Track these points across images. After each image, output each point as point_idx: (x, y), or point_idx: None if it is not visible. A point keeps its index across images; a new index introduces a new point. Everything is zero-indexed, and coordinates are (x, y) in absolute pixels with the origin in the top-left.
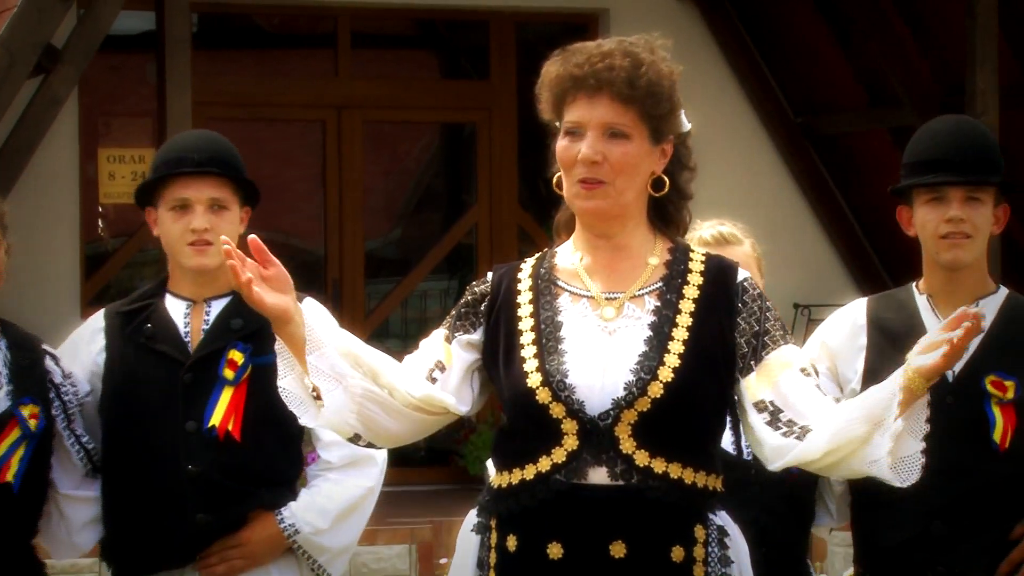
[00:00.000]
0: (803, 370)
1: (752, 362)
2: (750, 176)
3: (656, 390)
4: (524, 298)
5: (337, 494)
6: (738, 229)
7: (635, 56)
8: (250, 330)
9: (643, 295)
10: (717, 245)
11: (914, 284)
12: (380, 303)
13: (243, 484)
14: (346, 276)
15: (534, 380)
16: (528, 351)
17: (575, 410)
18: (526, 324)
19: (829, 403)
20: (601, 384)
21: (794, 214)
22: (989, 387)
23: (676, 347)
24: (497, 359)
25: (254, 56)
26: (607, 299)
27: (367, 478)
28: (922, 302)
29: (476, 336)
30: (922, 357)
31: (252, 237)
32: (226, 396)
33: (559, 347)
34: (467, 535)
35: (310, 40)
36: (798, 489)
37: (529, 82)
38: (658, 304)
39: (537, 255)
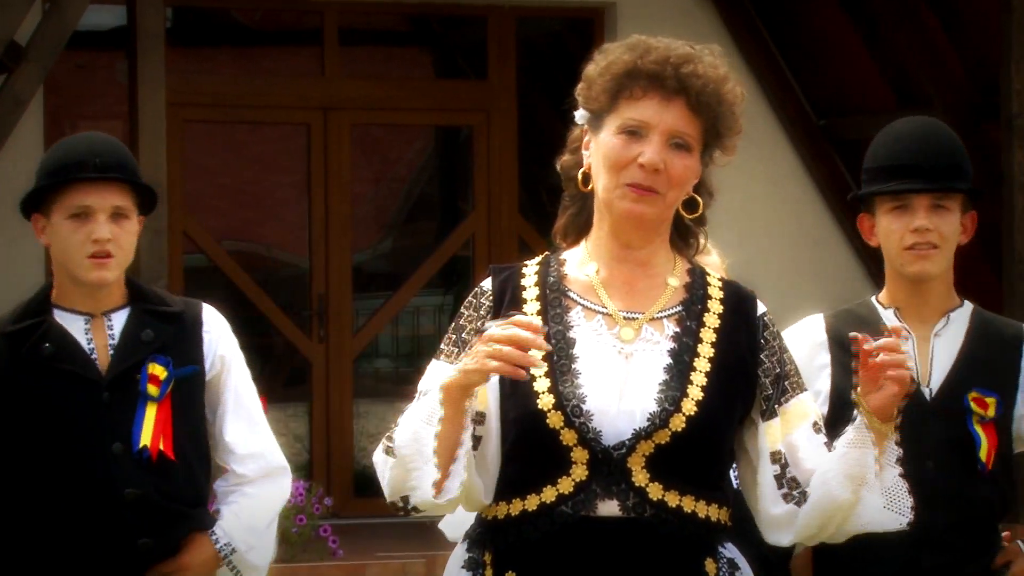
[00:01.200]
0: (815, 425)
1: (776, 406)
2: (769, 183)
3: (678, 423)
4: (532, 308)
5: (259, 508)
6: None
7: (717, 68)
8: (162, 342)
9: (662, 318)
10: None
11: (873, 299)
12: (369, 320)
13: (180, 504)
14: (332, 291)
15: (545, 402)
16: (537, 369)
17: (589, 439)
18: None
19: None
20: (616, 412)
21: (816, 223)
22: (972, 404)
23: (699, 379)
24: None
25: (233, 54)
26: (625, 319)
27: (282, 490)
28: (888, 316)
29: None
30: (872, 399)
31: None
32: (151, 414)
33: (573, 367)
34: (456, 572)
35: (294, 36)
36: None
37: (530, 82)
38: (678, 330)
39: (539, 259)
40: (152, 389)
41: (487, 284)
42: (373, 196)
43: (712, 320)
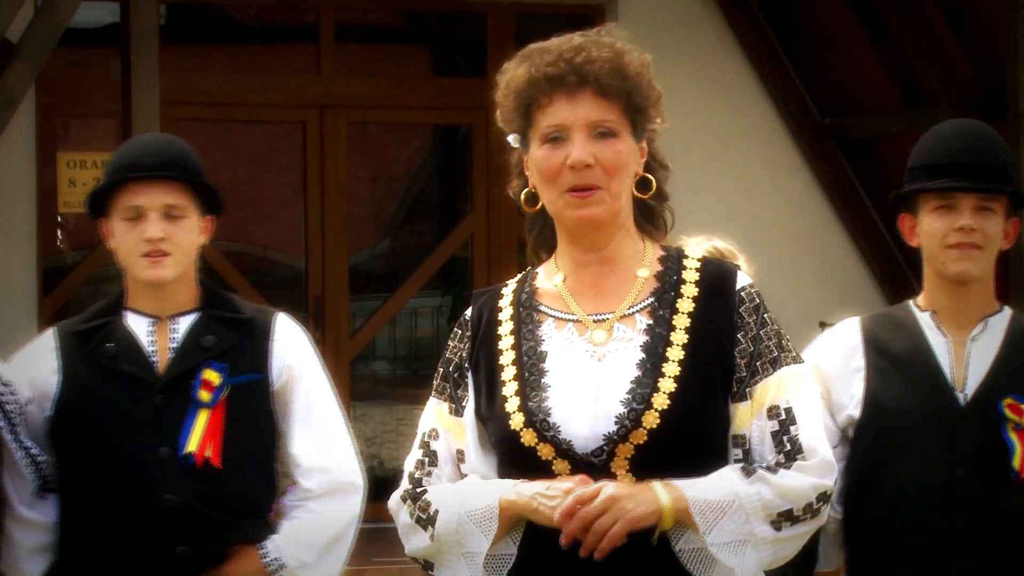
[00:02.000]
0: (770, 410)
1: (747, 389)
2: (772, 182)
3: (651, 420)
4: (505, 329)
5: (321, 525)
6: (730, 243)
7: (611, 46)
8: (222, 348)
9: (633, 313)
10: None
11: (911, 302)
12: (366, 322)
13: (225, 514)
14: (329, 292)
15: (517, 421)
16: (509, 388)
17: (564, 450)
18: (507, 358)
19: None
20: (592, 418)
21: (820, 224)
22: (1007, 411)
23: (671, 369)
24: (480, 399)
25: (228, 51)
26: (595, 321)
27: (350, 507)
28: (925, 320)
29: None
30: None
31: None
32: (202, 420)
33: (542, 381)
34: None
35: (290, 33)
36: None
37: None
38: (650, 322)
39: (519, 277)
40: (204, 395)
41: (468, 312)
42: (370, 196)
43: (686, 305)
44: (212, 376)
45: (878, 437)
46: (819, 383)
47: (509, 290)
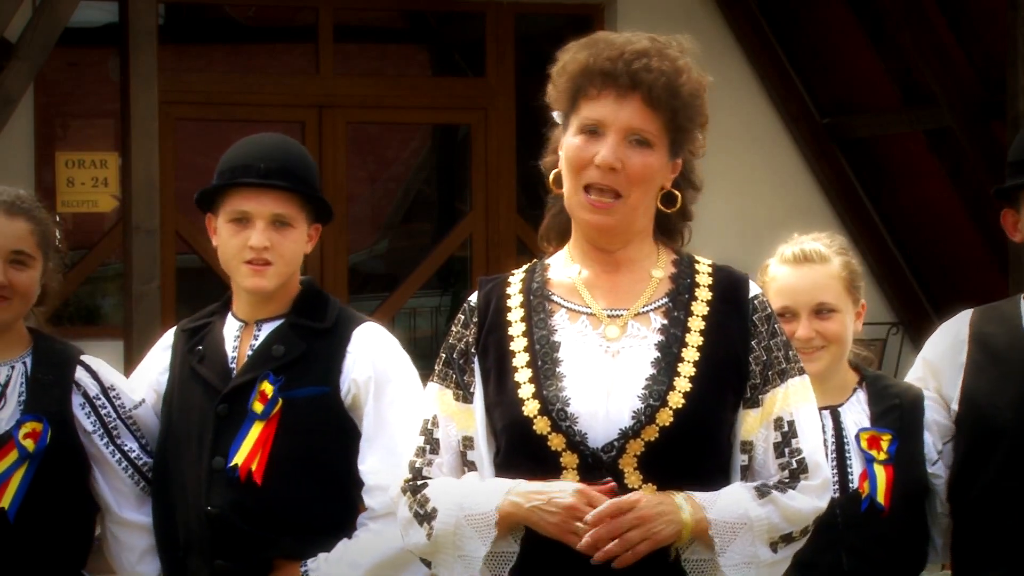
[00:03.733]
0: (777, 421)
1: (760, 396)
2: (771, 183)
3: (665, 418)
4: (515, 315)
5: (374, 546)
6: (827, 244)
7: (674, 61)
8: (291, 358)
9: (648, 312)
10: (796, 263)
11: (1021, 295)
12: None
13: (264, 529)
14: (328, 292)
15: (531, 408)
16: (522, 375)
17: (576, 442)
18: (519, 344)
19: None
20: (605, 412)
21: (820, 224)
22: None
23: (686, 369)
24: (488, 385)
25: (227, 51)
26: (610, 316)
27: None
28: None
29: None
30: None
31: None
32: (254, 432)
33: (557, 370)
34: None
35: (288, 33)
36: (897, 528)
37: (529, 80)
38: (665, 322)
39: (526, 267)
40: (257, 406)
41: (473, 298)
42: (369, 196)
43: (700, 308)
44: (267, 388)
45: (973, 432)
46: (932, 378)
47: (517, 279)
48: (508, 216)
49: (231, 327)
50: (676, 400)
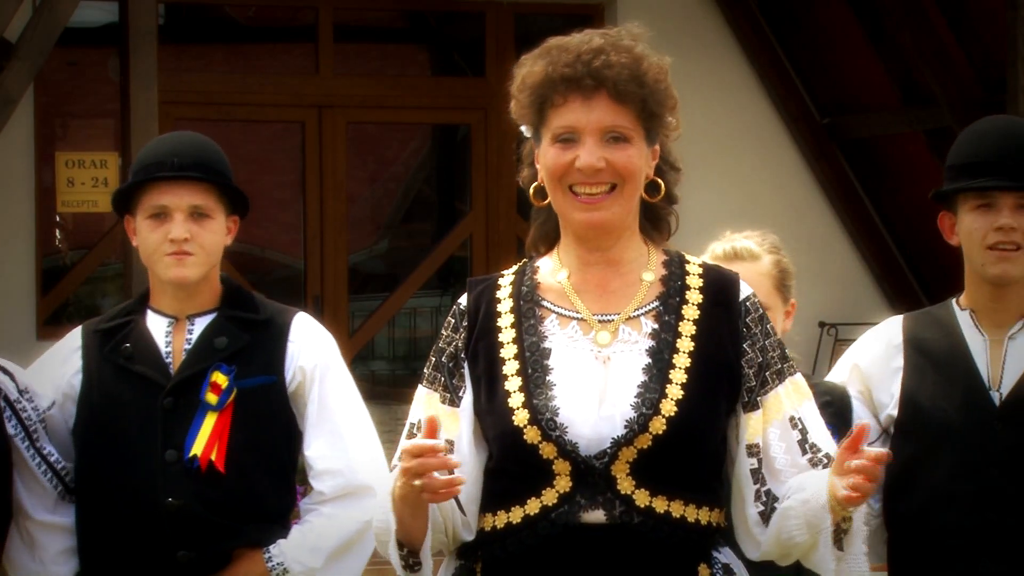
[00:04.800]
0: (791, 420)
1: (758, 398)
2: (771, 183)
3: (658, 425)
4: (505, 321)
5: (331, 530)
6: (759, 242)
7: (630, 50)
8: (234, 349)
9: (639, 316)
10: (727, 260)
11: (953, 300)
12: (365, 321)
13: (228, 519)
14: (328, 292)
15: (520, 417)
16: (513, 383)
17: (567, 451)
18: (509, 351)
19: (797, 477)
20: (596, 419)
21: (820, 224)
22: None
23: (678, 376)
24: (479, 392)
25: (227, 51)
26: (600, 322)
27: (364, 511)
28: (964, 318)
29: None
30: (839, 484)
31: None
32: (209, 423)
33: (547, 378)
34: None
35: (288, 33)
36: None
37: None
38: (656, 327)
39: (515, 268)
40: (211, 398)
41: (463, 301)
42: (369, 196)
43: (691, 312)
44: (220, 378)
45: (915, 436)
46: (858, 382)
47: (507, 281)
48: (508, 216)
49: (158, 323)
50: (668, 408)
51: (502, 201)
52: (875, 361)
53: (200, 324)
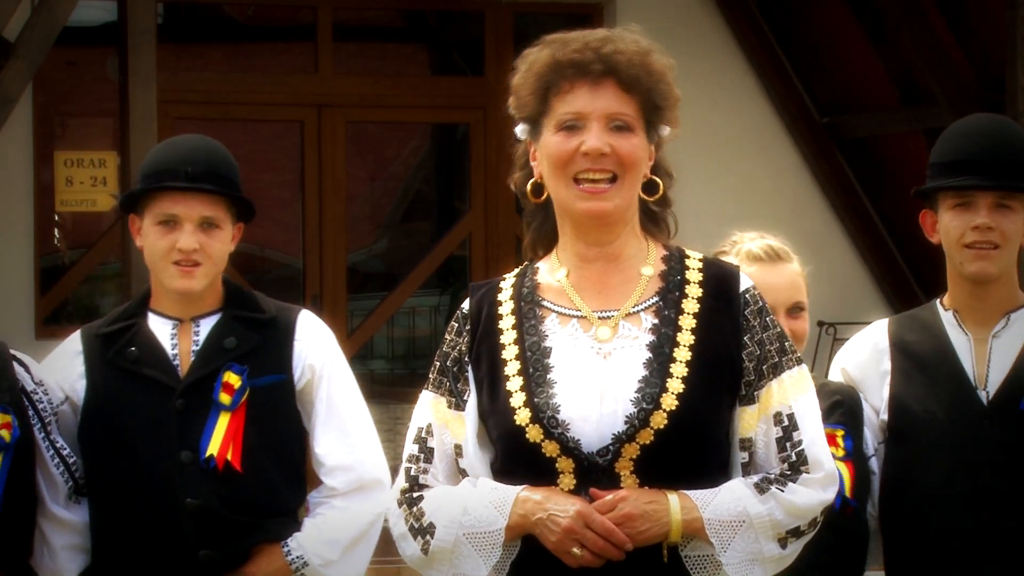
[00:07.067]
0: (776, 416)
1: (755, 392)
2: (771, 182)
3: (659, 420)
4: (507, 323)
5: (345, 523)
6: (782, 243)
7: (638, 43)
8: (244, 350)
9: (639, 312)
10: (769, 260)
11: (937, 301)
12: (364, 321)
13: (247, 516)
14: (327, 291)
15: (523, 416)
16: (514, 383)
17: (570, 448)
18: (510, 352)
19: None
20: (598, 416)
21: (819, 223)
22: None
23: (679, 369)
24: (482, 394)
25: (226, 50)
26: (600, 318)
27: (375, 504)
28: (947, 319)
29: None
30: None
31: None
32: (223, 423)
33: (548, 376)
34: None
35: (288, 33)
36: (851, 522)
37: None
38: (656, 322)
39: (517, 271)
40: (224, 398)
41: (466, 305)
42: (368, 195)
43: (691, 306)
44: (233, 379)
45: (906, 439)
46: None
47: (508, 284)
48: (507, 215)
49: (162, 326)
50: (669, 402)
51: (501, 200)
52: (863, 366)
53: (206, 325)
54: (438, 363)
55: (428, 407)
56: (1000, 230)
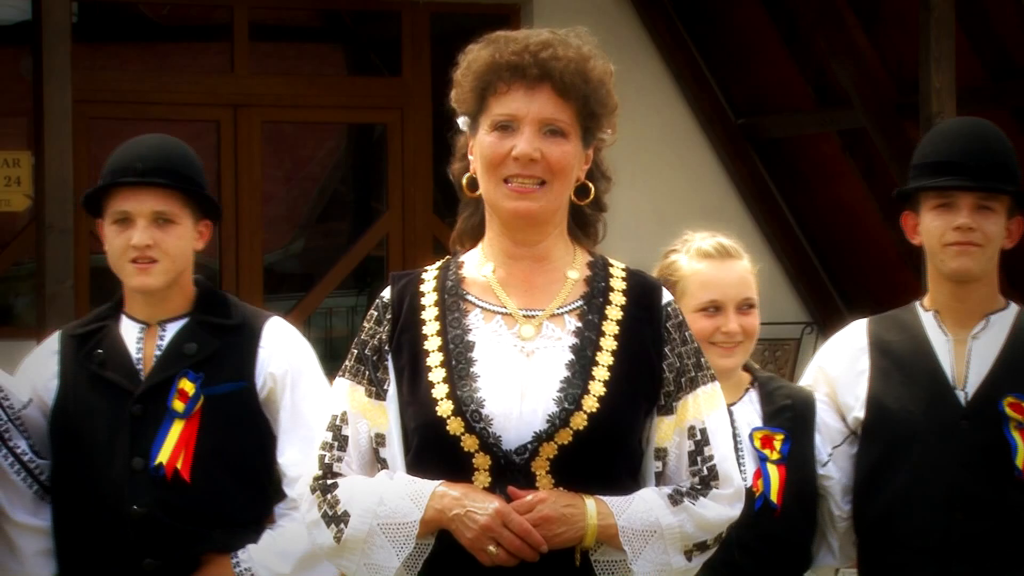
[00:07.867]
0: (690, 429)
1: (673, 403)
2: (686, 183)
3: (579, 421)
4: (429, 314)
5: (301, 536)
6: (734, 241)
7: (578, 48)
8: (204, 356)
9: (563, 314)
10: (720, 257)
11: (917, 302)
12: None
13: (195, 525)
14: (243, 292)
15: (444, 408)
16: (436, 374)
17: (490, 444)
18: (433, 344)
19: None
20: (519, 413)
21: (735, 224)
22: (1008, 410)
23: (600, 373)
24: (402, 384)
25: (141, 50)
26: (525, 316)
27: None
28: (927, 319)
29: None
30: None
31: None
32: (175, 431)
33: (471, 370)
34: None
35: (203, 32)
36: (787, 527)
37: (445, 79)
38: (580, 325)
39: (439, 264)
40: (178, 405)
41: (387, 294)
42: (284, 195)
43: (615, 313)
44: (187, 386)
45: (882, 438)
46: (825, 384)
47: (431, 276)
48: (424, 216)
49: (130, 329)
50: (590, 404)
51: (418, 201)
52: (839, 364)
53: (171, 330)
54: (356, 351)
55: (344, 395)
56: (981, 231)
